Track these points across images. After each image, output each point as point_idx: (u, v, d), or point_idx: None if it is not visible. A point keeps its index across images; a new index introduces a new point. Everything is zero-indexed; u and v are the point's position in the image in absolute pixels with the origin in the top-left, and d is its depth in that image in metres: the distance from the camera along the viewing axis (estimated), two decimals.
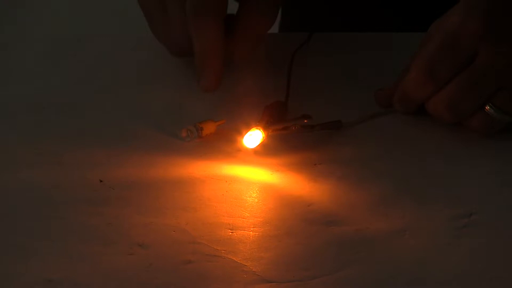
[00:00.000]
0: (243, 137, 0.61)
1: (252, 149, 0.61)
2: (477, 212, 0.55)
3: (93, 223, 0.54)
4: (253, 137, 0.61)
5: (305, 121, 0.63)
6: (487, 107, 0.61)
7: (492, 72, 0.60)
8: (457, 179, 0.59)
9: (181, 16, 0.65)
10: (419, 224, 0.54)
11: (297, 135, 0.62)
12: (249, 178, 0.59)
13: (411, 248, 0.52)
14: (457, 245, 0.52)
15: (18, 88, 0.71)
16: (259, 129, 0.61)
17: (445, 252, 0.51)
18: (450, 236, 0.53)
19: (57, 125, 0.65)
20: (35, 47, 0.78)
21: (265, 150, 0.61)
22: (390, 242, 0.52)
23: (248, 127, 0.61)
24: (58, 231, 0.53)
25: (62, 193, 0.57)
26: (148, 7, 0.69)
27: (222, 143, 0.62)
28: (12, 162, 0.61)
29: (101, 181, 0.58)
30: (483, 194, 0.57)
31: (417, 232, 0.53)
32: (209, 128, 0.63)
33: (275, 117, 0.63)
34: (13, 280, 0.49)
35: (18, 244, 0.52)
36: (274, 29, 0.93)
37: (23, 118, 0.66)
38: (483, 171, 0.60)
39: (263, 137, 0.61)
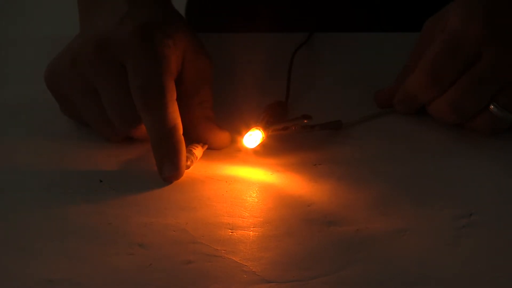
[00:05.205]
0: (243, 137, 0.61)
1: (252, 149, 0.61)
2: (477, 212, 0.55)
3: (93, 223, 0.54)
4: (253, 137, 0.61)
5: (305, 121, 0.63)
6: (492, 107, 0.61)
7: (496, 72, 0.60)
8: (457, 179, 0.59)
9: (122, 99, 0.58)
10: (419, 224, 0.54)
11: (297, 135, 0.62)
12: (249, 178, 0.59)
13: (411, 248, 0.52)
14: (457, 245, 0.52)
15: (18, 88, 0.71)
16: (259, 129, 0.61)
17: (445, 252, 0.51)
18: (450, 236, 0.53)
19: (57, 125, 0.65)
20: (35, 47, 0.78)
21: (265, 150, 0.61)
22: (390, 242, 0.52)
23: (248, 127, 0.61)
24: (58, 231, 0.53)
25: (62, 193, 0.57)
26: (67, 91, 0.61)
27: None
28: (12, 162, 0.61)
29: (101, 181, 0.58)
30: (483, 194, 0.57)
31: (417, 232, 0.53)
32: (199, 153, 0.61)
33: (275, 117, 0.63)
34: (13, 280, 0.49)
35: (18, 244, 0.52)
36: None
37: (23, 118, 0.66)
38: (483, 171, 0.60)
39: (263, 137, 0.61)
